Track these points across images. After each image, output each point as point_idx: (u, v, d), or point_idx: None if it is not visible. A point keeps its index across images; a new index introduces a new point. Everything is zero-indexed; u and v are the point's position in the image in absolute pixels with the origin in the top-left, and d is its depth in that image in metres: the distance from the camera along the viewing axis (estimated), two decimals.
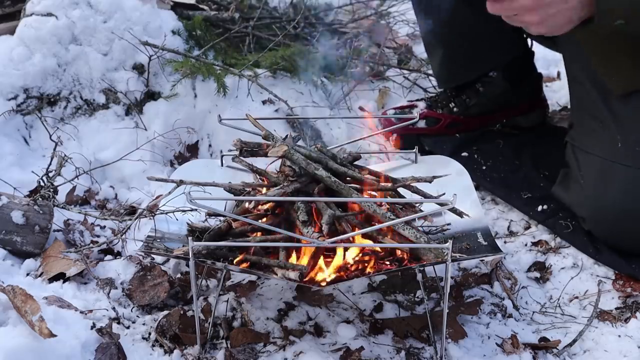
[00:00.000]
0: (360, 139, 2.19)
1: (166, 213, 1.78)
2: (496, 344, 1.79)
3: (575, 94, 2.16)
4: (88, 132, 2.39)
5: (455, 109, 2.50)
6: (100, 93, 2.45)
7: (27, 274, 1.91)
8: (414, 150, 2.02)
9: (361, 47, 2.91)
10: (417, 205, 1.82)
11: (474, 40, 2.38)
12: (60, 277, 1.88)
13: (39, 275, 1.89)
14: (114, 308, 1.80)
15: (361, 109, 2.66)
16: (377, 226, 1.64)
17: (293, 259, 1.67)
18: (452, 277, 1.97)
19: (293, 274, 1.60)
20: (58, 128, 2.37)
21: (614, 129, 1.99)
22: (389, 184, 1.81)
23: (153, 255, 1.94)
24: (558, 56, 2.39)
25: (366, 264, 1.70)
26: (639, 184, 1.95)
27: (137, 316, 1.82)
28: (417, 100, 2.61)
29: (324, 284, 1.66)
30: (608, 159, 1.99)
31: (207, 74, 2.45)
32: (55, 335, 1.51)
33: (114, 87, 2.45)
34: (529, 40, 2.49)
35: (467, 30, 2.36)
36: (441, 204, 1.69)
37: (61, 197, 2.14)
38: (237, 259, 1.68)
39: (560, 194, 2.16)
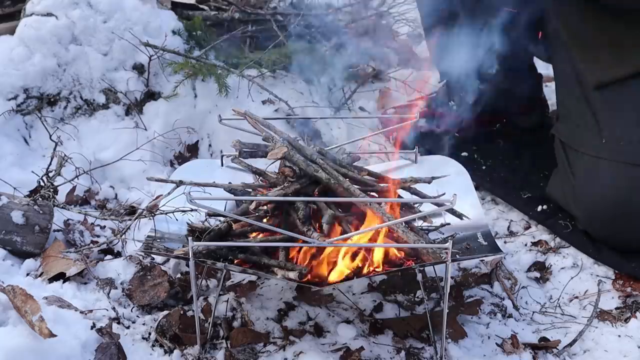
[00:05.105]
0: (360, 139, 2.19)
1: (166, 213, 1.78)
2: (496, 344, 1.79)
3: (560, 89, 2.17)
4: (88, 132, 2.39)
5: (454, 107, 2.50)
6: (100, 93, 2.45)
7: (27, 274, 1.91)
8: (414, 151, 2.02)
9: (361, 47, 2.90)
10: (416, 205, 1.82)
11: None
12: (60, 277, 1.88)
13: (39, 275, 1.89)
14: (114, 308, 1.80)
15: (361, 109, 2.66)
16: (376, 226, 1.64)
17: (299, 261, 1.67)
18: (452, 277, 1.97)
19: (293, 274, 1.60)
20: (58, 128, 2.37)
21: (596, 124, 1.99)
22: (388, 185, 1.81)
23: (153, 255, 1.94)
24: None
25: (366, 264, 1.70)
26: (627, 179, 1.94)
27: (137, 316, 1.82)
28: (417, 99, 2.61)
29: (324, 283, 1.66)
30: (594, 155, 1.99)
31: (207, 74, 2.45)
32: (55, 335, 1.51)
33: (114, 87, 2.45)
34: None
35: (468, 12, 2.35)
36: (440, 205, 1.69)
37: (61, 197, 2.14)
38: (237, 259, 1.68)
39: (554, 194, 2.16)
